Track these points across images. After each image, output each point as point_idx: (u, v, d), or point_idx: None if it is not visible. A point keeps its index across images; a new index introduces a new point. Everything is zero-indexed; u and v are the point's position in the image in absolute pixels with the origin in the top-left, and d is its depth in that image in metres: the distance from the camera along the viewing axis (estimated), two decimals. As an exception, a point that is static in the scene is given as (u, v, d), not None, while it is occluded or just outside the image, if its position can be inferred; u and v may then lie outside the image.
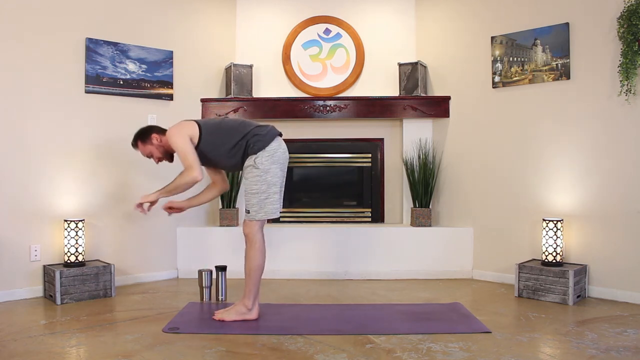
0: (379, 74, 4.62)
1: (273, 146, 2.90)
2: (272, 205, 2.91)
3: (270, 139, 2.91)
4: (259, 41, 4.70)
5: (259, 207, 2.88)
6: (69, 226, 3.59)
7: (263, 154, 2.87)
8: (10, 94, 3.52)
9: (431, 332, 2.77)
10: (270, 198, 2.90)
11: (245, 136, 2.91)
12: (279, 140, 2.97)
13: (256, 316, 2.98)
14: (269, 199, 2.89)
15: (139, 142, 3.10)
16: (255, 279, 2.93)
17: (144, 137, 3.09)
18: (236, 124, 2.99)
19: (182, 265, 4.29)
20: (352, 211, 4.70)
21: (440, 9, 4.46)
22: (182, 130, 2.94)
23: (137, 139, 3.11)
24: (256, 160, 2.87)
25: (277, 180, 2.92)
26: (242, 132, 2.93)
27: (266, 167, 2.87)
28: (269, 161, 2.88)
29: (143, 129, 3.14)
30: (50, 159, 3.68)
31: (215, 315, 3.00)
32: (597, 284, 3.55)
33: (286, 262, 4.19)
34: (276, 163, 2.91)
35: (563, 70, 3.71)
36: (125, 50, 4.00)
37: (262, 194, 2.88)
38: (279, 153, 2.93)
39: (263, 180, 2.87)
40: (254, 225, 2.91)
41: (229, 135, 2.94)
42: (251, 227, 2.91)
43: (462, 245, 4.23)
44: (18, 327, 2.90)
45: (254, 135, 2.90)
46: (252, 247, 2.92)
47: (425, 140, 4.46)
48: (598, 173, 3.57)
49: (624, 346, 2.56)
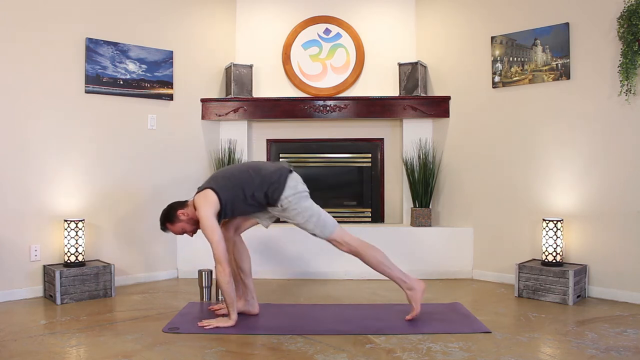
0: (379, 74, 4.62)
1: (290, 184, 2.92)
2: (329, 218, 2.96)
3: (285, 181, 2.91)
4: (259, 41, 4.70)
5: (322, 225, 2.92)
6: (69, 226, 3.59)
7: (286, 196, 2.89)
8: (11, 94, 3.51)
9: (431, 332, 2.77)
10: (322, 213, 2.94)
11: (262, 187, 2.90)
12: (292, 176, 2.97)
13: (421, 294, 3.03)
14: (321, 215, 2.93)
15: (168, 225, 3.02)
16: (391, 266, 2.99)
17: (171, 217, 3.00)
18: (247, 176, 2.94)
19: (182, 265, 4.29)
20: (352, 211, 4.70)
21: (440, 9, 4.46)
22: (210, 206, 2.85)
23: (165, 222, 3.02)
24: (283, 205, 2.89)
25: (310, 200, 2.96)
26: (256, 183, 2.90)
27: (295, 201, 2.89)
28: (294, 197, 2.90)
29: (166, 210, 3.04)
30: (51, 158, 3.68)
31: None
32: (597, 284, 3.55)
33: (286, 262, 4.19)
34: (299, 192, 2.93)
35: (563, 70, 3.70)
36: (125, 50, 4.00)
37: (313, 217, 2.91)
38: (299, 186, 2.96)
39: (303, 209, 2.90)
40: (339, 238, 2.94)
41: (240, 189, 2.91)
42: (341, 241, 2.95)
43: (462, 245, 4.23)
44: (18, 327, 2.90)
45: (269, 185, 2.90)
46: (362, 252, 2.96)
47: (425, 140, 4.46)
48: (598, 173, 3.57)
49: (624, 346, 2.56)
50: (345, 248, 2.97)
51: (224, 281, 2.79)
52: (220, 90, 4.63)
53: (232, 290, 2.84)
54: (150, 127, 4.16)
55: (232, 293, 2.84)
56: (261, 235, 4.06)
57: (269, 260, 4.09)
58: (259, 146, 4.70)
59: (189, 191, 4.09)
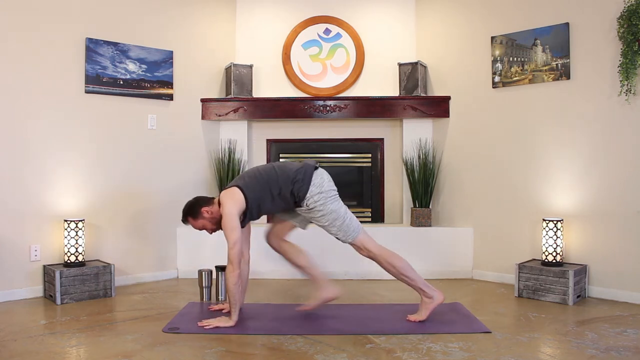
0: (379, 74, 4.62)
1: (316, 182, 2.91)
2: (354, 221, 2.94)
3: (310, 178, 2.91)
4: (259, 41, 4.70)
5: (345, 230, 2.92)
6: (69, 226, 3.59)
7: (311, 195, 2.88)
8: (11, 94, 3.51)
9: (431, 332, 2.77)
10: (347, 216, 2.93)
11: (288, 185, 2.90)
12: (318, 172, 2.96)
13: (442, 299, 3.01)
14: (346, 219, 2.92)
15: (190, 218, 3.01)
16: (414, 277, 2.96)
17: (194, 212, 3.00)
18: (273, 174, 2.95)
19: (182, 265, 4.29)
20: (352, 211, 4.65)
21: (440, 9, 4.46)
22: (235, 204, 2.85)
23: (187, 215, 3.02)
24: (309, 204, 2.89)
25: (337, 202, 2.95)
26: (282, 182, 2.90)
27: (322, 202, 2.88)
28: (320, 196, 2.89)
29: (190, 203, 3.03)
30: (51, 159, 3.68)
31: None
32: (597, 284, 3.55)
33: (286, 262, 4.18)
34: (325, 191, 2.91)
35: (563, 70, 3.70)
36: (125, 50, 4.00)
37: (337, 221, 2.91)
38: (325, 184, 2.94)
39: (328, 212, 2.89)
40: (360, 243, 2.94)
41: (267, 188, 2.91)
42: (361, 247, 2.95)
43: (462, 245, 4.23)
44: (18, 327, 2.90)
45: (294, 183, 2.89)
46: (380, 260, 2.95)
47: (425, 140, 4.46)
48: (598, 173, 3.57)
49: (624, 346, 2.56)
50: (365, 253, 2.97)
51: (232, 282, 2.80)
52: (220, 90, 4.63)
53: (237, 292, 2.84)
54: (150, 127, 4.16)
55: (237, 294, 2.85)
56: (262, 235, 4.06)
57: (269, 260, 4.09)
58: (259, 146, 4.70)
59: (189, 191, 4.10)
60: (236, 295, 2.84)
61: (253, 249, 3.27)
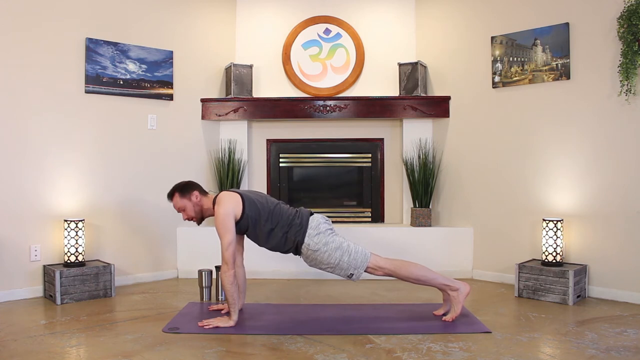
0: (379, 74, 4.62)
1: (313, 225, 2.92)
2: (356, 252, 2.90)
3: (306, 223, 2.92)
4: (259, 41, 4.70)
5: (354, 263, 2.89)
6: (69, 226, 3.59)
7: (310, 237, 2.89)
8: (11, 94, 3.51)
9: (431, 332, 2.77)
10: (351, 247, 2.91)
11: (282, 226, 2.90)
12: (313, 217, 2.98)
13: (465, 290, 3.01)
14: (351, 250, 2.90)
15: (177, 194, 3.00)
16: (433, 277, 2.96)
17: (184, 190, 3.00)
18: (271, 205, 2.95)
19: (182, 265, 4.29)
20: (352, 211, 4.71)
21: (440, 9, 4.46)
22: (232, 207, 2.85)
23: (176, 190, 3.02)
24: (309, 247, 2.89)
25: (336, 238, 2.93)
26: (278, 220, 2.91)
27: (322, 242, 2.89)
28: (319, 236, 2.89)
29: (186, 182, 3.05)
30: (51, 159, 3.68)
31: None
32: (597, 284, 3.55)
33: (286, 262, 4.18)
34: (323, 231, 2.91)
35: (563, 70, 3.70)
36: (125, 50, 4.00)
37: (344, 257, 2.89)
38: (321, 225, 2.94)
39: (331, 250, 2.88)
40: (373, 265, 2.92)
41: (264, 218, 2.90)
42: (375, 267, 2.92)
43: (462, 245, 4.23)
44: (18, 327, 2.90)
45: (290, 226, 2.91)
46: (397, 273, 2.93)
47: (425, 140, 4.46)
48: (598, 173, 3.57)
49: (624, 346, 2.56)
50: (380, 272, 2.94)
51: (228, 281, 2.80)
52: (220, 90, 4.63)
53: (234, 291, 2.84)
54: (150, 127, 4.16)
55: (234, 294, 2.85)
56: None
57: (269, 261, 4.09)
58: (259, 146, 4.70)
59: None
60: (234, 295, 2.85)
61: (252, 249, 3.26)
